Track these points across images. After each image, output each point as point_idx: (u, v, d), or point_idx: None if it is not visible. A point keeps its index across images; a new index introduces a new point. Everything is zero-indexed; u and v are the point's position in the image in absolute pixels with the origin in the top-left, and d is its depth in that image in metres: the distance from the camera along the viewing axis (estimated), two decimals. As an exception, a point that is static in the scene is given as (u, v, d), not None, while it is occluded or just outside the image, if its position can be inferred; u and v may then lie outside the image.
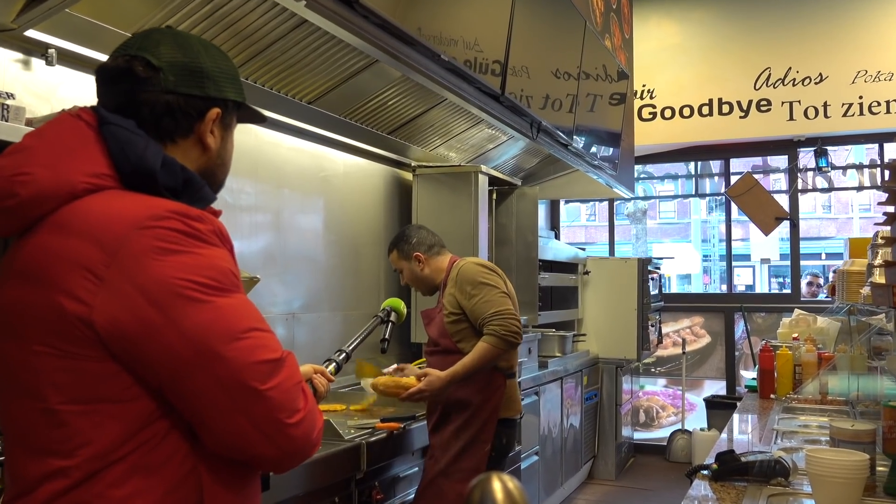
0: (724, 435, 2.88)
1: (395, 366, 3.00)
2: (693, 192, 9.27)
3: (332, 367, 1.95)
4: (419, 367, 2.92)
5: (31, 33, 2.18)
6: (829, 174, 7.08)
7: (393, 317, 2.47)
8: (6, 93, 2.12)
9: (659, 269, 6.82)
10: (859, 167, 7.92)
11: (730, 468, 2.09)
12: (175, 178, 1.12)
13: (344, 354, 2.01)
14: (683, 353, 6.79)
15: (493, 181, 4.47)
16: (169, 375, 1.03)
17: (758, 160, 9.34)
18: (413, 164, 4.30)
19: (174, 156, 1.16)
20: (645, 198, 11.01)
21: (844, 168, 7.74)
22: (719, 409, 6.22)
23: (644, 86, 7.08)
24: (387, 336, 2.50)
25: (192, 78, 1.18)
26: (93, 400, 1.03)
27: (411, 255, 2.99)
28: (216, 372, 1.03)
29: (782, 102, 6.69)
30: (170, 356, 1.02)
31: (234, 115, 1.26)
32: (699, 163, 8.48)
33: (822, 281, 7.19)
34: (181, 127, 1.18)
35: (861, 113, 6.48)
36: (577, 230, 13.41)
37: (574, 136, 4.81)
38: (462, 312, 2.82)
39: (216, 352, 1.02)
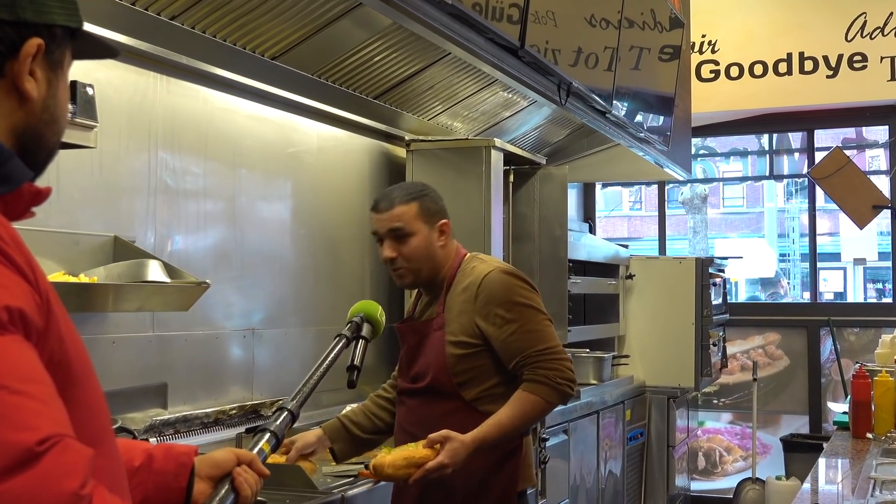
0: (806, 485, 2.89)
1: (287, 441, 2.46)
2: (767, 174, 9.25)
3: (266, 443, 1.60)
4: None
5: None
6: (941, 150, 7.05)
7: (366, 330, 2.08)
8: None
9: (723, 271, 6.81)
10: (981, 141, 7.91)
11: (814, 528, 2.07)
12: None
13: (286, 415, 1.69)
14: (754, 379, 6.78)
15: (509, 159, 4.46)
16: None
17: (850, 132, 9.32)
18: (407, 138, 4.30)
19: None
20: (705, 180, 11.02)
21: (961, 142, 7.72)
22: (800, 452, 6.21)
23: (704, 36, 7.07)
24: (357, 361, 2.08)
25: None
26: None
27: (437, 220, 2.51)
28: None
29: (881, 58, 6.66)
30: None
31: (68, 47, 1.14)
32: (774, 135, 8.47)
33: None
34: None
35: (983, 71, 6.47)
36: (617, 222, 13.42)
37: (614, 101, 4.80)
38: (483, 344, 2.45)
39: None
